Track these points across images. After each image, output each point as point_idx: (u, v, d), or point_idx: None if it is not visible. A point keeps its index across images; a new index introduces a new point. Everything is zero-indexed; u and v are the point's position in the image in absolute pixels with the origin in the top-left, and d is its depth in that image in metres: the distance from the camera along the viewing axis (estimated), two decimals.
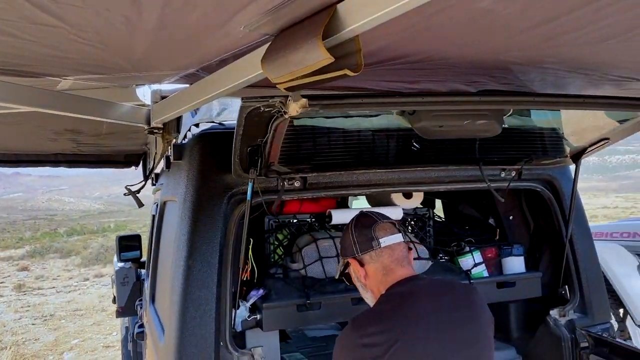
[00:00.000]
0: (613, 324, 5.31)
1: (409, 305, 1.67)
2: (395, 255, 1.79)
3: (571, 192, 2.48)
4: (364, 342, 1.59)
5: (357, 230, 1.83)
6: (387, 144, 2.30)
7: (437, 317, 1.66)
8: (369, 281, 1.81)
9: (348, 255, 1.86)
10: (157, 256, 3.04)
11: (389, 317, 1.64)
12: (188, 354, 1.96)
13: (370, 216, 1.88)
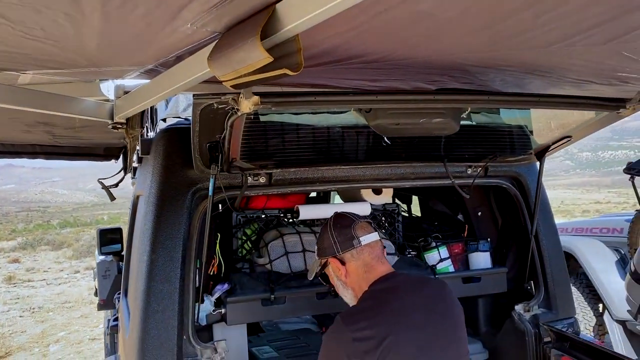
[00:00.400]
0: (591, 319, 5.39)
1: (394, 301, 1.75)
2: (374, 253, 1.87)
3: (536, 189, 2.51)
4: (356, 336, 1.65)
5: (336, 230, 1.89)
6: (355, 141, 2.32)
7: (419, 311, 1.75)
8: (349, 279, 1.88)
9: (328, 254, 1.91)
10: (130, 250, 3.05)
11: (377, 313, 1.72)
12: (150, 347, 1.97)
13: (347, 216, 1.95)
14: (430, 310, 1.79)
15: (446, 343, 1.76)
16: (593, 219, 6.57)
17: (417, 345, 1.68)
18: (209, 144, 1.87)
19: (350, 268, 1.87)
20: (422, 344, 1.70)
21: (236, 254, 2.49)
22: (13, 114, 2.77)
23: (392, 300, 1.76)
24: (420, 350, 1.68)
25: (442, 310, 1.82)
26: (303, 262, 2.41)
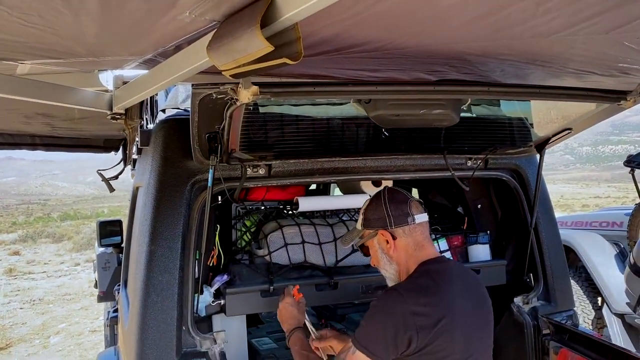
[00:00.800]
0: (589, 312, 5.39)
1: (449, 284, 1.79)
2: (425, 233, 1.89)
3: (536, 181, 2.50)
4: (416, 310, 1.67)
5: (392, 204, 1.88)
6: (355, 132, 2.31)
7: (467, 299, 1.81)
8: (396, 254, 1.87)
9: (377, 226, 1.89)
10: (129, 241, 3.05)
11: (436, 292, 1.75)
12: (150, 338, 1.97)
13: (402, 192, 1.95)
14: (474, 298, 1.85)
15: (483, 332, 1.84)
16: (592, 213, 6.58)
17: (464, 332, 1.72)
18: (208, 134, 1.86)
19: (400, 244, 1.86)
20: (468, 330, 1.74)
21: (235, 246, 2.49)
22: (11, 105, 2.76)
23: (447, 283, 1.79)
24: (464, 337, 1.73)
25: (481, 300, 1.89)
26: (302, 254, 2.41)
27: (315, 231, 2.46)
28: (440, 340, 1.67)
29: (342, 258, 2.45)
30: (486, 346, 1.86)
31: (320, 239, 2.45)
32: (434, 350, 1.68)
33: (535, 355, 2.45)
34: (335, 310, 3.21)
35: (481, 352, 1.81)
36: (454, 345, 1.70)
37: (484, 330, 1.85)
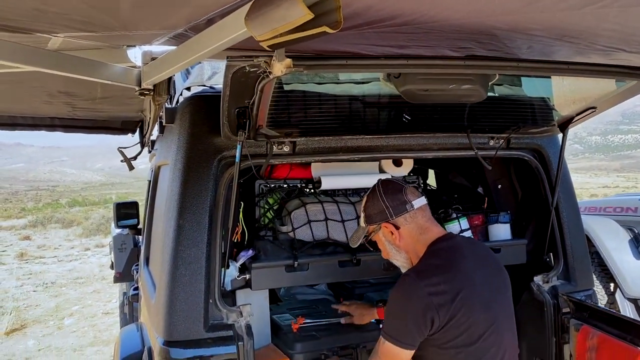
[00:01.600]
0: (602, 297, 5.41)
1: (460, 259, 1.85)
2: (427, 216, 1.95)
3: (558, 161, 2.51)
4: (430, 290, 1.73)
5: (388, 196, 1.93)
6: (377, 111, 2.33)
7: (480, 270, 1.87)
8: (403, 242, 1.93)
9: (379, 220, 1.95)
10: (151, 220, 3.09)
11: (448, 269, 1.80)
12: (178, 310, 2.01)
13: (395, 182, 2.01)
14: (487, 267, 1.91)
15: (502, 299, 1.90)
16: (607, 198, 6.56)
17: (482, 301, 1.78)
18: (238, 109, 1.88)
19: (404, 232, 1.92)
20: (487, 299, 1.80)
21: (259, 223, 2.52)
22: (37, 81, 2.79)
23: (458, 258, 1.84)
24: (484, 306, 1.79)
25: (494, 268, 1.94)
26: (325, 231, 2.44)
27: (338, 209, 2.49)
28: (461, 314, 1.73)
29: None
30: (507, 312, 1.91)
31: (343, 217, 2.48)
32: (458, 324, 1.73)
33: (555, 334, 2.47)
34: (353, 290, 3.24)
35: (503, 318, 1.86)
36: (475, 315, 1.76)
37: (503, 297, 1.90)
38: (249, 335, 2.05)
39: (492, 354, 1.78)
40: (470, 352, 1.75)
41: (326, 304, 3.04)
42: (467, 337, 1.74)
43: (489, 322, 1.78)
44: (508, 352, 1.87)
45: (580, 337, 2.23)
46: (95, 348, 6.76)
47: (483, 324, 1.77)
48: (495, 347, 1.80)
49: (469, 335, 1.74)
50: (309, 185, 2.67)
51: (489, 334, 1.77)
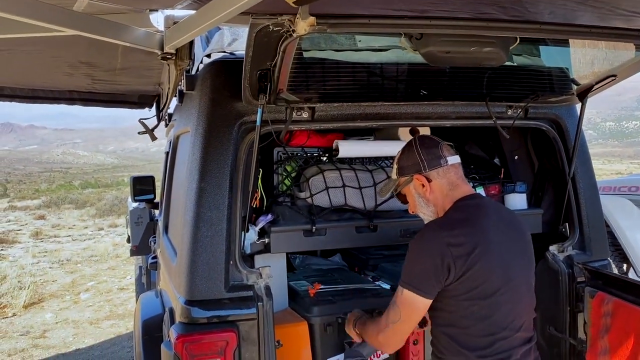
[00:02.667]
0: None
1: (483, 217, 1.87)
2: (459, 173, 1.98)
3: (576, 131, 2.51)
4: (450, 241, 1.77)
5: (423, 149, 1.96)
6: (395, 79, 2.34)
7: (502, 231, 1.89)
8: (432, 196, 1.96)
9: (412, 172, 1.98)
10: (170, 189, 3.14)
11: (469, 224, 1.84)
12: (200, 271, 2.06)
13: (433, 138, 2.04)
14: (510, 230, 1.93)
15: (523, 262, 1.92)
16: (622, 178, 6.53)
17: (500, 260, 1.82)
18: (259, 72, 1.90)
19: (435, 186, 1.95)
20: (506, 259, 1.83)
21: (277, 189, 2.56)
22: (57, 52, 2.83)
23: (481, 215, 1.88)
24: (502, 265, 1.82)
25: (518, 232, 1.96)
26: (343, 197, 2.46)
27: (355, 176, 2.51)
28: (477, 267, 1.77)
29: (381, 202, 2.51)
30: (526, 277, 1.93)
31: (360, 184, 2.50)
32: (473, 277, 1.77)
33: (569, 303, 2.49)
34: (367, 261, 3.28)
35: (521, 280, 1.89)
36: (491, 271, 1.79)
37: (523, 262, 1.93)
38: (269, 297, 2.09)
39: (505, 311, 1.81)
40: (483, 305, 1.78)
41: (341, 272, 3.09)
42: (481, 291, 1.77)
43: (505, 280, 1.81)
44: (523, 316, 1.90)
45: (595, 304, 2.25)
46: (111, 321, 6.89)
47: (498, 281, 1.80)
48: (510, 306, 1.82)
49: (484, 290, 1.78)
50: (327, 153, 2.69)
51: (504, 291, 1.80)
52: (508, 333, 1.82)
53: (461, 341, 1.81)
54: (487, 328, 1.79)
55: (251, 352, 2.03)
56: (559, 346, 2.53)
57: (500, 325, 1.80)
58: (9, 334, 6.55)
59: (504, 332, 1.81)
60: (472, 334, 1.81)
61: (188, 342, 1.93)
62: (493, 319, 1.80)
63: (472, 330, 1.80)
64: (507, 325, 1.82)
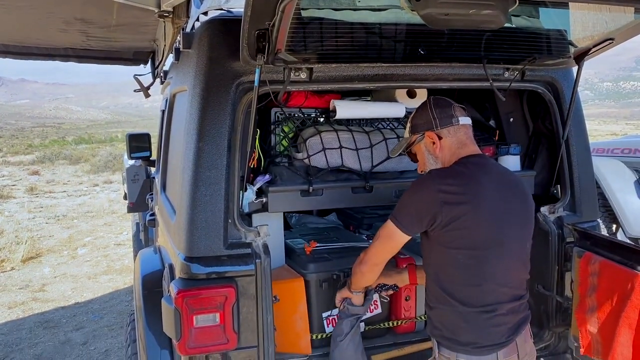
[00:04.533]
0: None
1: (482, 174, 1.94)
2: (469, 133, 2.05)
3: (571, 94, 2.52)
4: (441, 188, 1.85)
5: (437, 108, 2.05)
6: (394, 40, 2.33)
7: (501, 191, 1.94)
8: (441, 154, 2.04)
9: (424, 129, 2.06)
10: (167, 148, 3.16)
11: (464, 177, 1.91)
12: (199, 229, 2.10)
13: (446, 99, 2.12)
14: (510, 192, 1.97)
15: (518, 224, 1.96)
16: (614, 140, 6.59)
17: (491, 217, 1.87)
18: (257, 32, 1.89)
19: (445, 143, 2.03)
20: (498, 217, 1.88)
21: (274, 150, 2.58)
22: (51, 8, 2.79)
23: (480, 172, 1.94)
24: (494, 221, 1.87)
25: (519, 195, 2.00)
26: (340, 158, 2.49)
27: (352, 137, 2.54)
28: (466, 218, 1.83)
29: (377, 163, 2.54)
30: (521, 236, 1.98)
31: (357, 145, 2.53)
32: (460, 227, 1.84)
33: (558, 262, 2.57)
34: (362, 220, 3.35)
35: (513, 239, 1.93)
36: (480, 225, 1.85)
37: (520, 222, 1.97)
38: (266, 254, 2.15)
39: (491, 265, 1.87)
40: (469, 255, 1.85)
41: (337, 231, 3.15)
42: (468, 242, 1.85)
43: (494, 236, 1.87)
44: (511, 273, 1.95)
45: (582, 263, 2.32)
46: (108, 276, 7.01)
47: (487, 235, 1.86)
48: (497, 261, 1.88)
49: (471, 241, 1.85)
50: (324, 114, 2.70)
51: (491, 246, 1.86)
52: (493, 286, 1.88)
53: (447, 290, 1.89)
54: (471, 278, 1.87)
55: (249, 307, 2.10)
56: (546, 303, 2.62)
57: (484, 277, 1.87)
58: (8, 287, 6.66)
59: (488, 285, 1.88)
60: (457, 282, 1.89)
61: (188, 296, 1.99)
62: (478, 270, 1.86)
63: (457, 279, 1.89)
64: (493, 279, 1.88)
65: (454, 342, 1.89)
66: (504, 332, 1.90)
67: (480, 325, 1.88)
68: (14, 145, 39.95)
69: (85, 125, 66.37)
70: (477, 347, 1.87)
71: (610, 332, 2.11)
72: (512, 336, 1.91)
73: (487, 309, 1.87)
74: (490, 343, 1.88)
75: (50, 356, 4.72)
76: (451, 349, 1.90)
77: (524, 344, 1.96)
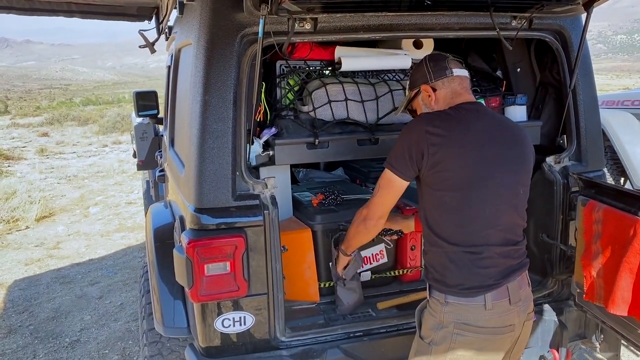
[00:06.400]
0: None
1: (471, 118, 1.95)
2: (464, 84, 2.06)
3: (579, 42, 2.49)
4: (428, 129, 1.88)
5: (431, 62, 2.08)
6: None
7: (493, 134, 1.95)
8: (437, 105, 2.06)
9: (420, 83, 2.09)
10: (174, 103, 3.17)
11: (452, 120, 1.94)
12: (208, 181, 2.13)
13: (442, 54, 2.16)
14: (504, 137, 1.97)
15: (510, 168, 1.95)
16: (625, 92, 6.50)
17: (479, 160, 1.88)
18: None
19: (440, 95, 2.05)
20: (486, 160, 1.89)
21: (280, 103, 2.59)
22: None
23: (470, 117, 1.96)
24: (479, 164, 1.88)
25: (516, 143, 2.00)
26: (345, 111, 2.50)
27: (357, 89, 2.54)
28: (451, 159, 1.86)
29: (383, 116, 2.55)
30: (514, 181, 1.97)
31: (362, 97, 2.53)
32: (445, 168, 1.86)
33: (562, 211, 2.59)
34: (368, 173, 3.37)
35: (503, 183, 1.92)
36: (464, 168, 1.87)
37: (514, 167, 1.96)
38: (274, 205, 2.19)
39: (477, 206, 1.87)
40: (454, 197, 1.87)
41: (343, 184, 3.19)
42: (453, 183, 1.86)
43: (481, 178, 1.87)
44: (501, 217, 1.92)
45: (586, 211, 2.35)
46: (121, 234, 7.15)
47: (473, 177, 1.86)
48: (483, 204, 1.88)
49: (456, 183, 1.86)
50: (330, 66, 2.70)
51: (478, 187, 1.86)
52: (479, 227, 1.88)
53: (435, 231, 1.93)
54: (456, 219, 1.89)
55: (259, 256, 2.16)
56: (549, 252, 2.66)
57: (470, 218, 1.88)
58: (24, 245, 6.83)
59: (474, 226, 1.88)
60: (444, 224, 1.91)
61: (199, 246, 2.05)
62: (464, 211, 1.88)
63: (444, 221, 1.91)
64: (478, 221, 1.88)
65: (443, 283, 1.92)
66: (493, 274, 1.89)
67: (466, 266, 1.89)
68: (22, 108, 40.07)
69: (92, 86, 66.14)
70: (465, 289, 1.88)
71: (612, 277, 2.15)
72: (501, 280, 1.90)
73: (473, 250, 1.88)
74: (477, 284, 1.88)
75: (67, 309, 4.88)
76: (440, 291, 1.92)
77: (518, 290, 1.94)
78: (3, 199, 8.35)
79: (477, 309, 1.88)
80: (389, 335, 2.40)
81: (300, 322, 2.41)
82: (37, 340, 4.33)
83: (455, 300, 1.89)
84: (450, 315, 1.90)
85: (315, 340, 2.33)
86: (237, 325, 2.20)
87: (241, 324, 2.20)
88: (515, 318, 1.94)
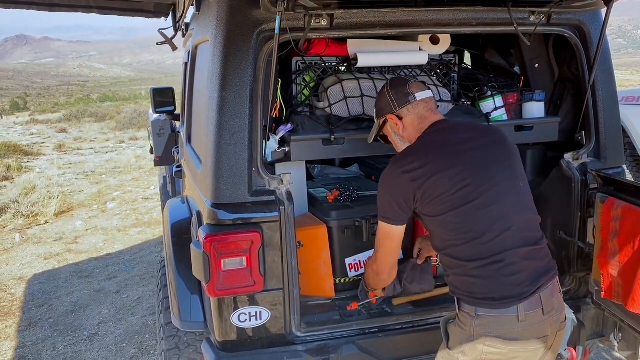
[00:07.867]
0: None
1: (440, 138, 1.99)
2: (429, 106, 2.08)
3: (599, 37, 2.46)
4: (404, 170, 1.90)
5: (393, 90, 2.09)
6: None
7: (467, 141, 1.96)
8: (406, 132, 2.08)
9: (386, 112, 2.12)
10: (191, 99, 3.20)
11: (423, 148, 1.97)
12: (224, 176, 2.15)
13: (402, 78, 2.18)
14: (484, 141, 1.99)
15: (501, 167, 1.95)
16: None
17: (465, 173, 1.88)
18: None
19: (407, 122, 2.08)
20: (472, 170, 1.89)
21: (296, 100, 2.59)
22: None
23: (437, 137, 1.99)
24: (465, 174, 1.87)
25: (494, 140, 2.02)
26: (361, 107, 2.50)
27: (374, 85, 2.53)
28: (437, 186, 1.86)
29: None
30: (509, 176, 1.95)
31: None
32: (435, 194, 1.86)
33: (581, 209, 2.56)
34: (383, 170, 3.36)
35: (500, 182, 1.91)
36: (454, 186, 1.85)
37: (503, 165, 1.96)
38: (290, 201, 2.20)
39: (481, 215, 1.85)
40: (455, 215, 1.85)
41: (359, 180, 3.19)
42: (448, 203, 1.85)
43: (476, 186, 1.86)
44: (510, 216, 1.88)
45: (605, 208, 2.32)
46: (138, 229, 7.22)
47: (467, 189, 1.85)
48: (485, 210, 1.85)
49: (450, 201, 1.84)
50: (345, 62, 2.69)
51: (474, 197, 1.84)
52: (493, 234, 1.83)
53: (453, 254, 1.90)
54: (468, 234, 1.84)
55: (274, 252, 2.17)
56: (567, 249, 2.63)
57: (481, 228, 1.84)
58: (44, 239, 6.93)
59: (488, 234, 1.83)
60: (456, 244, 1.87)
61: (216, 241, 2.07)
62: (472, 223, 1.85)
63: (457, 240, 1.87)
64: (490, 226, 1.84)
65: (472, 296, 1.86)
66: (521, 280, 1.82)
67: (491, 276, 1.82)
68: (41, 104, 40.63)
69: (109, 83, 66.80)
70: (495, 301, 1.81)
71: (631, 275, 2.13)
72: (531, 287, 1.82)
73: (495, 259, 1.82)
74: (507, 294, 1.80)
75: (86, 303, 4.95)
76: (471, 304, 1.85)
77: (551, 298, 1.86)
78: (23, 194, 8.47)
79: (510, 321, 1.80)
80: (404, 332, 2.40)
81: (315, 318, 2.42)
82: (57, 333, 4.40)
83: (486, 312, 1.82)
84: (481, 329, 1.82)
85: (330, 336, 2.34)
86: (253, 320, 2.22)
87: (257, 319, 2.22)
88: (548, 328, 1.87)
